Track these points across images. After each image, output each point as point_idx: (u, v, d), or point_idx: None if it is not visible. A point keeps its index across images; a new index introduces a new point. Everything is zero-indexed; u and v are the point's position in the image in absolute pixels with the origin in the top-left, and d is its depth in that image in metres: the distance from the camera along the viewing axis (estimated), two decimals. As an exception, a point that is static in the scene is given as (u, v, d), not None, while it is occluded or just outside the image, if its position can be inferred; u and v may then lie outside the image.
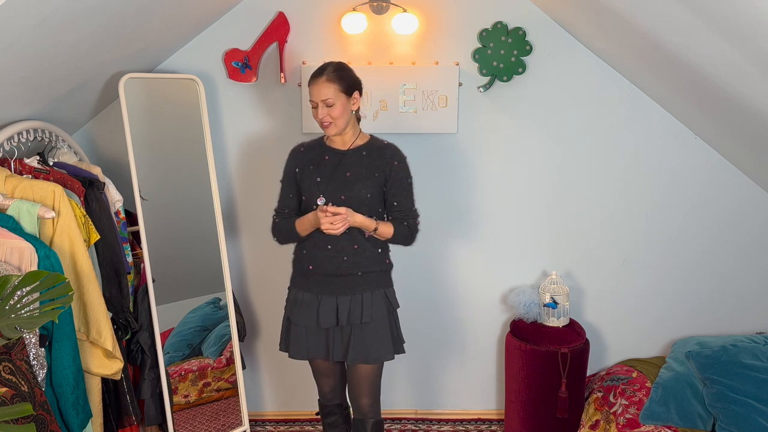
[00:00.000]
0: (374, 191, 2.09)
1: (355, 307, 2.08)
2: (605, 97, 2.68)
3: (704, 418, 2.33)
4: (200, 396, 2.64)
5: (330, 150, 2.12)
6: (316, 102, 2.02)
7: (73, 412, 1.84)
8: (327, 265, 2.09)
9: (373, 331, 2.10)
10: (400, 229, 2.12)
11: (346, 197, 2.06)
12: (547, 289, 2.66)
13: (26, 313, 1.39)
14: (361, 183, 2.07)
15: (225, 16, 2.62)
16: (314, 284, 2.12)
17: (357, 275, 2.10)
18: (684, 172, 2.74)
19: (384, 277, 2.17)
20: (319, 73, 2.02)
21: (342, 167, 2.09)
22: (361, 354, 2.10)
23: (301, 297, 2.14)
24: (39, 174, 2.03)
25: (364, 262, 2.10)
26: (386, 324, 2.13)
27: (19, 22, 1.53)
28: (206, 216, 2.54)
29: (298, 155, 2.17)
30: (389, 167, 2.10)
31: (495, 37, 2.59)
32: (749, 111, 2.07)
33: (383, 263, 2.17)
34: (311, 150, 2.16)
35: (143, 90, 2.42)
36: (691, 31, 1.79)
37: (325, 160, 2.11)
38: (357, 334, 2.09)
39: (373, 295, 2.11)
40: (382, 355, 2.12)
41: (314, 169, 2.11)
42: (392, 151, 2.13)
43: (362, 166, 2.09)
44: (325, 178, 2.08)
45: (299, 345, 2.15)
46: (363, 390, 2.19)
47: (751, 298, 2.85)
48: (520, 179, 2.77)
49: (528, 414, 2.62)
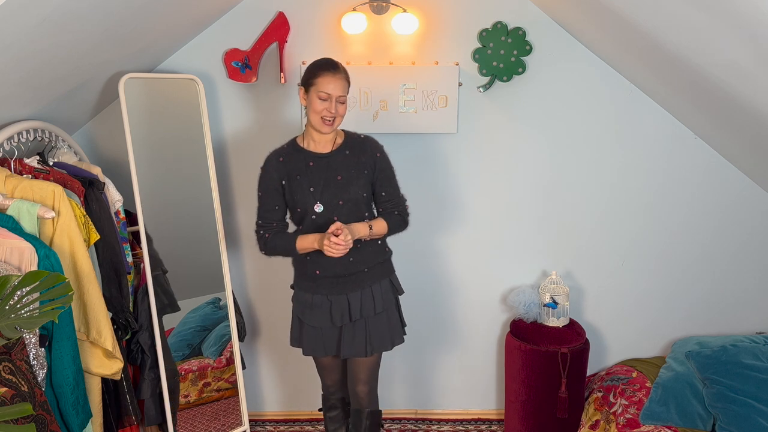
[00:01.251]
0: (367, 189, 2.11)
1: (366, 300, 2.11)
2: (605, 97, 2.68)
3: (704, 418, 2.33)
4: (200, 396, 2.64)
5: (312, 155, 2.07)
6: (331, 96, 1.97)
7: (73, 412, 1.84)
8: (334, 268, 2.08)
9: (386, 319, 2.16)
10: (393, 220, 2.14)
11: (344, 201, 2.05)
12: (547, 289, 2.66)
13: (26, 313, 1.39)
14: (355, 184, 2.06)
15: (225, 16, 2.62)
16: (323, 286, 2.12)
17: (364, 271, 2.12)
18: (684, 171, 2.74)
19: (387, 265, 2.21)
20: (334, 67, 1.99)
21: (331, 171, 2.05)
22: (379, 343, 2.14)
23: (311, 299, 2.14)
24: (39, 174, 2.03)
25: (369, 257, 2.12)
26: (395, 310, 2.20)
27: (19, 22, 1.53)
28: (206, 216, 2.54)
29: (278, 165, 2.07)
30: (373, 160, 2.11)
31: (495, 37, 2.59)
32: (749, 111, 2.07)
33: (385, 252, 2.20)
34: (290, 157, 2.07)
35: (143, 90, 2.42)
36: (690, 30, 1.79)
37: (310, 166, 2.06)
38: (372, 325, 2.13)
39: (381, 285, 2.15)
40: (397, 340, 2.19)
41: (302, 179, 2.05)
42: (371, 143, 2.14)
43: (350, 167, 2.07)
44: (318, 187, 2.04)
45: (314, 344, 2.17)
46: (362, 377, 2.21)
47: (750, 297, 2.85)
48: (520, 179, 2.77)
49: (528, 414, 2.62)
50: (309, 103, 2.01)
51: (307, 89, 2.02)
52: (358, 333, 2.13)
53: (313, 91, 1.99)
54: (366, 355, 2.14)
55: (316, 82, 1.98)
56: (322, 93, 1.97)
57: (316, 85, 1.98)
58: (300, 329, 2.19)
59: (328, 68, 1.98)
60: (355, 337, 2.13)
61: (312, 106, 1.99)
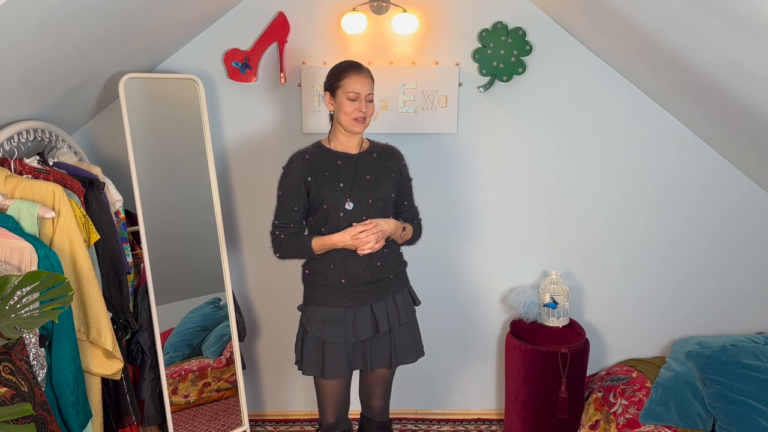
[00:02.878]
0: (394, 191, 2.10)
1: (392, 310, 2.07)
2: (605, 97, 2.68)
3: (704, 418, 2.33)
4: (200, 396, 2.64)
5: (340, 155, 2.03)
6: (360, 95, 1.94)
7: (73, 412, 1.84)
8: (363, 274, 2.01)
9: (410, 330, 2.14)
10: (416, 228, 2.17)
11: (373, 200, 2.01)
12: (547, 289, 2.66)
13: (26, 313, 1.39)
14: (384, 184, 2.04)
15: (225, 16, 2.62)
16: (346, 298, 2.02)
17: (389, 278, 2.08)
18: (684, 172, 2.74)
19: (405, 275, 2.19)
20: (359, 67, 1.97)
21: (360, 171, 2.02)
22: (403, 355, 2.11)
23: (332, 314, 2.01)
24: (39, 174, 2.03)
25: (393, 264, 2.09)
26: (416, 321, 2.19)
27: (19, 22, 1.53)
28: (206, 216, 2.54)
29: (304, 163, 2.00)
30: (399, 167, 2.12)
31: (495, 37, 2.59)
32: (749, 111, 2.07)
33: (403, 262, 2.18)
34: (318, 156, 2.02)
35: (143, 90, 2.42)
36: (691, 30, 1.79)
37: (338, 165, 2.01)
38: (398, 337, 2.09)
39: (403, 295, 2.13)
40: (421, 352, 2.17)
41: (331, 175, 1.99)
42: (398, 151, 2.15)
43: (379, 168, 2.05)
44: (348, 183, 2.00)
45: (338, 363, 2.02)
46: (378, 392, 2.20)
47: (750, 298, 2.85)
48: (519, 179, 2.77)
49: (528, 414, 2.62)
50: (338, 105, 1.97)
51: (333, 93, 1.98)
52: (383, 345, 2.07)
53: (340, 93, 1.96)
54: (390, 367, 2.11)
55: (343, 83, 1.95)
56: (350, 93, 1.94)
57: (344, 87, 1.95)
58: (321, 351, 2.03)
59: (353, 68, 1.96)
60: (382, 350, 2.08)
61: (342, 108, 1.96)
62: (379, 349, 2.08)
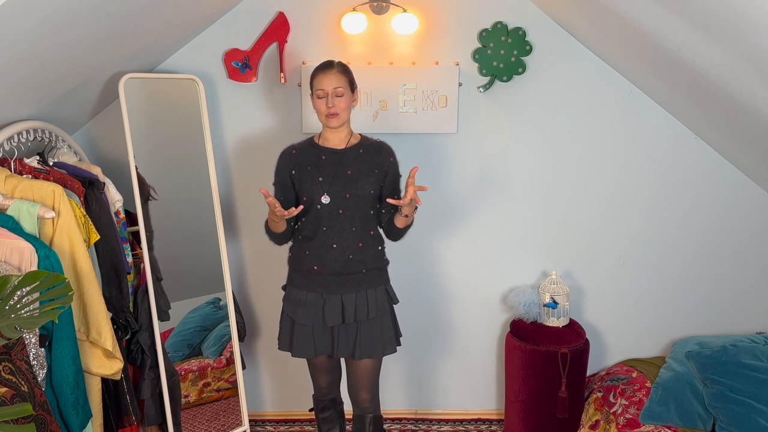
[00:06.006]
0: (375, 187, 2.14)
1: (361, 304, 2.12)
2: (605, 97, 2.68)
3: (704, 418, 2.33)
4: (200, 396, 2.64)
5: (325, 150, 2.13)
6: (326, 92, 2.04)
7: (73, 412, 1.84)
8: (333, 264, 2.11)
9: (379, 326, 2.16)
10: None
11: (350, 195, 2.09)
12: (547, 289, 2.66)
13: (26, 313, 1.39)
14: (363, 180, 2.11)
15: (225, 16, 2.62)
16: (318, 284, 2.13)
17: (361, 273, 2.13)
18: (683, 171, 2.74)
19: (384, 274, 2.23)
20: (329, 66, 2.08)
21: (342, 166, 2.11)
22: (368, 349, 2.14)
23: (304, 297, 2.15)
24: (39, 174, 2.03)
25: (368, 259, 2.15)
26: (389, 318, 2.20)
27: (19, 22, 1.53)
28: (206, 216, 2.55)
29: (290, 157, 2.16)
30: (387, 163, 2.16)
31: (495, 37, 2.59)
32: (749, 111, 2.07)
33: (383, 260, 2.22)
34: (304, 151, 2.16)
35: (143, 90, 2.42)
36: (690, 31, 1.79)
37: (322, 160, 2.12)
38: (364, 330, 2.14)
39: (377, 292, 2.16)
40: (388, 349, 2.18)
41: (313, 169, 2.11)
42: (387, 147, 2.20)
43: (362, 164, 2.12)
44: (327, 177, 2.09)
45: (305, 344, 2.16)
46: (363, 385, 2.23)
47: (750, 298, 2.85)
48: (519, 179, 2.77)
49: (528, 414, 2.62)
50: (313, 106, 2.11)
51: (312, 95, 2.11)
52: (350, 336, 2.14)
53: (313, 94, 2.10)
54: (355, 359, 2.16)
55: (313, 84, 2.09)
56: (318, 91, 2.07)
57: (314, 87, 2.09)
58: (291, 330, 2.19)
59: (320, 68, 2.08)
60: (348, 339, 2.14)
61: (315, 107, 2.10)
62: (345, 339, 2.14)
